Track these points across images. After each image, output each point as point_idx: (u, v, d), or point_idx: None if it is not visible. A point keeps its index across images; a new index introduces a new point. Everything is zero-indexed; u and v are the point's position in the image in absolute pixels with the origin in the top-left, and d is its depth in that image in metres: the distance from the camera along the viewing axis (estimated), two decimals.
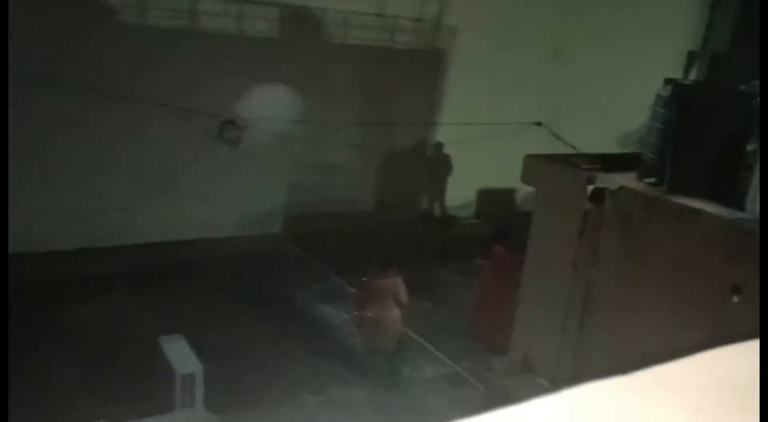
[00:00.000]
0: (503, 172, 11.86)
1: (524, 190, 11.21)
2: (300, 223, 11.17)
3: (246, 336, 7.77)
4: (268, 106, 10.36)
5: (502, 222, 9.95)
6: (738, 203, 4.88)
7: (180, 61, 9.74)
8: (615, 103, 11.64)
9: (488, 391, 6.77)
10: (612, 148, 11.94)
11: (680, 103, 5.25)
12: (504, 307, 7.37)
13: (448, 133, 11.93)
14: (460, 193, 12.52)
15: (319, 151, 11.10)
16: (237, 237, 10.63)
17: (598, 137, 11.38)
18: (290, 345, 7.67)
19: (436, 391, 7.13)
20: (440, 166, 12.18)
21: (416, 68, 11.69)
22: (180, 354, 5.93)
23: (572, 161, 6.20)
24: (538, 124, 12.73)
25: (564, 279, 6.11)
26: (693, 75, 6.07)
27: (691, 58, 6.32)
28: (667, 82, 5.53)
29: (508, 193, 12.86)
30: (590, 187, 5.65)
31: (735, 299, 4.53)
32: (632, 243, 5.66)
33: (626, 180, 5.70)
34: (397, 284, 6.93)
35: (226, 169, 10.51)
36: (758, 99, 4.58)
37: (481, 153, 12.13)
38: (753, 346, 1.39)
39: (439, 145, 12.16)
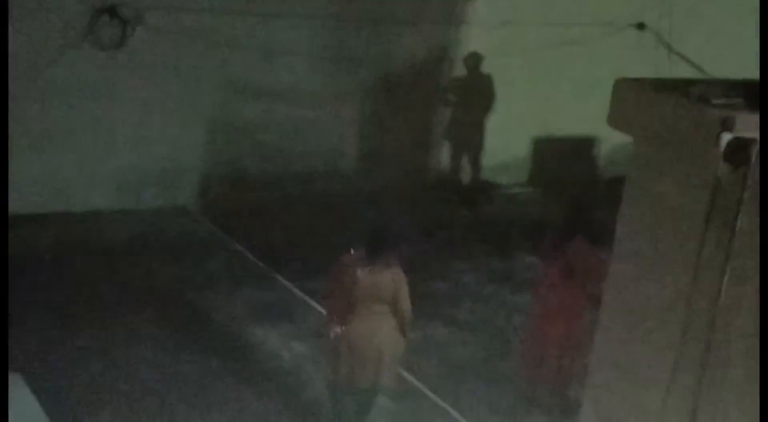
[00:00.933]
0: (578, 108, 11.87)
1: (613, 141, 11.10)
2: (227, 191, 11.19)
3: (128, 374, 7.80)
4: None
5: (577, 195, 9.91)
6: None
7: None
8: None
9: None
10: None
11: None
12: (578, 342, 7.37)
13: (487, 39, 11.85)
14: (503, 144, 12.48)
15: (264, 65, 11.05)
16: (119, 212, 10.62)
17: (736, 50, 11.28)
18: (202, 398, 7.68)
19: None
20: (473, 95, 12.15)
21: None
22: (16, 406, 6.01)
23: (695, 91, 6.11)
24: (640, 26, 12.71)
25: (677, 295, 6.09)
26: None
27: None
28: None
29: (584, 145, 12.90)
30: (726, 137, 5.60)
31: None
32: None
33: None
34: (396, 280, 6.98)
35: (98, 92, 10.42)
36: None
37: (543, 74, 12.06)
38: None
39: (474, 60, 12.12)
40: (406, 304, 7.05)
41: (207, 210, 11.16)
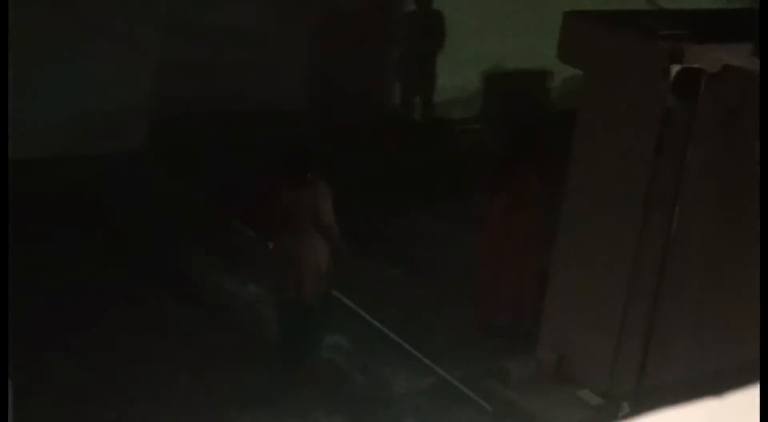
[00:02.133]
0: (529, 43, 11.82)
1: (564, 74, 11.14)
2: (177, 133, 11.06)
3: (83, 323, 7.82)
4: None
5: (526, 128, 9.95)
6: None
7: None
8: None
9: (502, 414, 6.94)
10: (713, 1, 11.89)
11: None
12: (530, 275, 7.48)
13: None
14: (455, 79, 12.46)
15: (212, 4, 10.98)
16: (62, 160, 10.46)
17: None
18: (162, 346, 7.73)
19: (413, 415, 7.23)
20: (423, 31, 12.06)
21: None
22: None
23: (644, 23, 6.16)
24: None
25: (628, 228, 6.18)
26: None
27: None
28: None
29: (536, 79, 12.83)
30: (675, 68, 5.66)
31: None
32: (744, 164, 5.67)
33: (736, 55, 5.69)
34: (315, 196, 7.11)
35: (40, 37, 10.22)
36: None
37: (494, 9, 11.98)
38: None
39: None
40: (327, 219, 7.14)
41: (158, 154, 11.05)
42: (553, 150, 7.17)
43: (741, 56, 5.73)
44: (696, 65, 5.73)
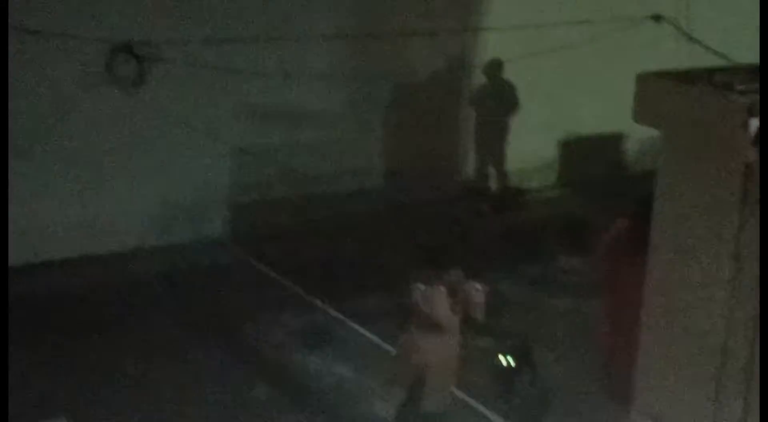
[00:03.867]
0: (602, 106, 11.80)
1: (639, 135, 11.08)
2: (254, 218, 11.21)
3: (175, 407, 7.87)
4: (187, 19, 10.29)
5: (605, 192, 9.90)
6: None
7: None
8: None
9: None
10: None
11: None
12: (624, 337, 7.33)
13: (507, 43, 11.79)
14: (529, 148, 12.50)
15: (280, 90, 11.07)
16: (147, 250, 10.70)
17: (755, 34, 11.27)
18: None
19: None
20: (496, 102, 12.15)
21: None
22: None
23: (718, 79, 6.12)
24: (657, 18, 12.54)
25: (718, 284, 6.06)
26: None
27: None
28: None
29: (611, 142, 12.78)
30: (754, 122, 5.60)
31: None
32: None
33: None
34: (468, 291, 7.11)
35: (121, 131, 10.49)
36: None
37: (564, 75, 12.04)
38: None
39: (494, 66, 12.13)
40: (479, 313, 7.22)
41: (239, 239, 11.20)
42: (637, 212, 7.11)
43: None
44: None
